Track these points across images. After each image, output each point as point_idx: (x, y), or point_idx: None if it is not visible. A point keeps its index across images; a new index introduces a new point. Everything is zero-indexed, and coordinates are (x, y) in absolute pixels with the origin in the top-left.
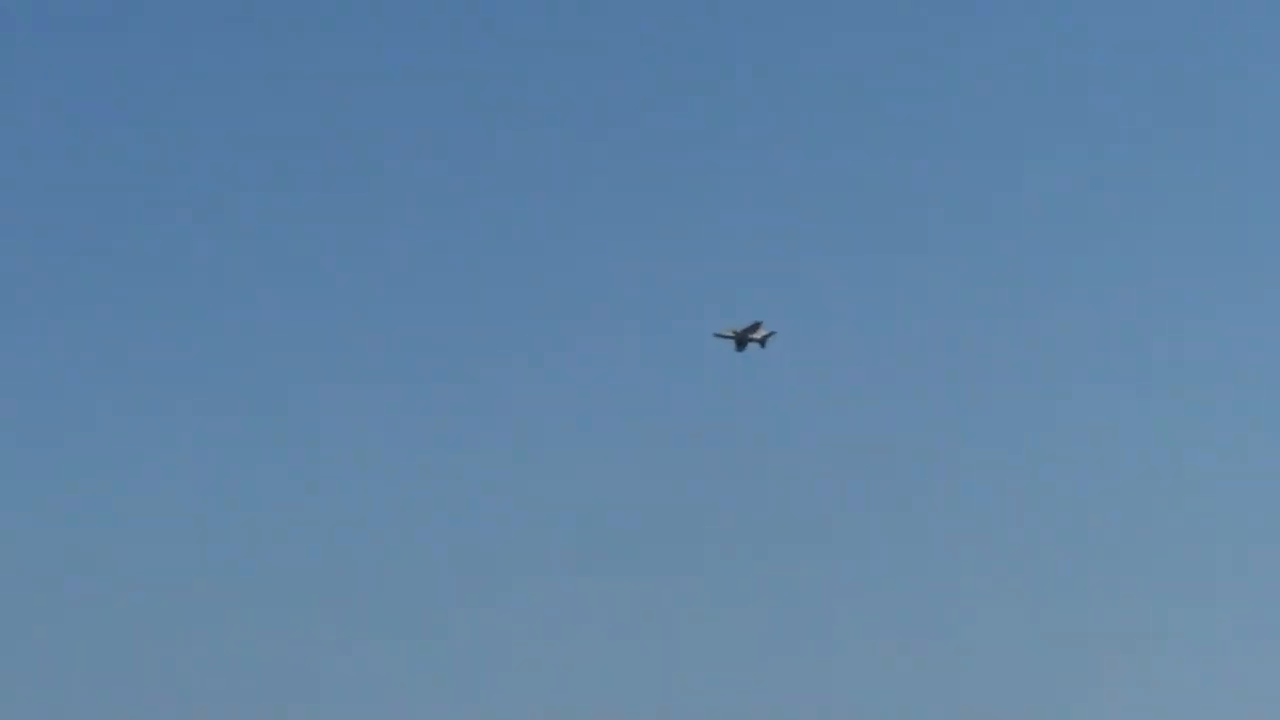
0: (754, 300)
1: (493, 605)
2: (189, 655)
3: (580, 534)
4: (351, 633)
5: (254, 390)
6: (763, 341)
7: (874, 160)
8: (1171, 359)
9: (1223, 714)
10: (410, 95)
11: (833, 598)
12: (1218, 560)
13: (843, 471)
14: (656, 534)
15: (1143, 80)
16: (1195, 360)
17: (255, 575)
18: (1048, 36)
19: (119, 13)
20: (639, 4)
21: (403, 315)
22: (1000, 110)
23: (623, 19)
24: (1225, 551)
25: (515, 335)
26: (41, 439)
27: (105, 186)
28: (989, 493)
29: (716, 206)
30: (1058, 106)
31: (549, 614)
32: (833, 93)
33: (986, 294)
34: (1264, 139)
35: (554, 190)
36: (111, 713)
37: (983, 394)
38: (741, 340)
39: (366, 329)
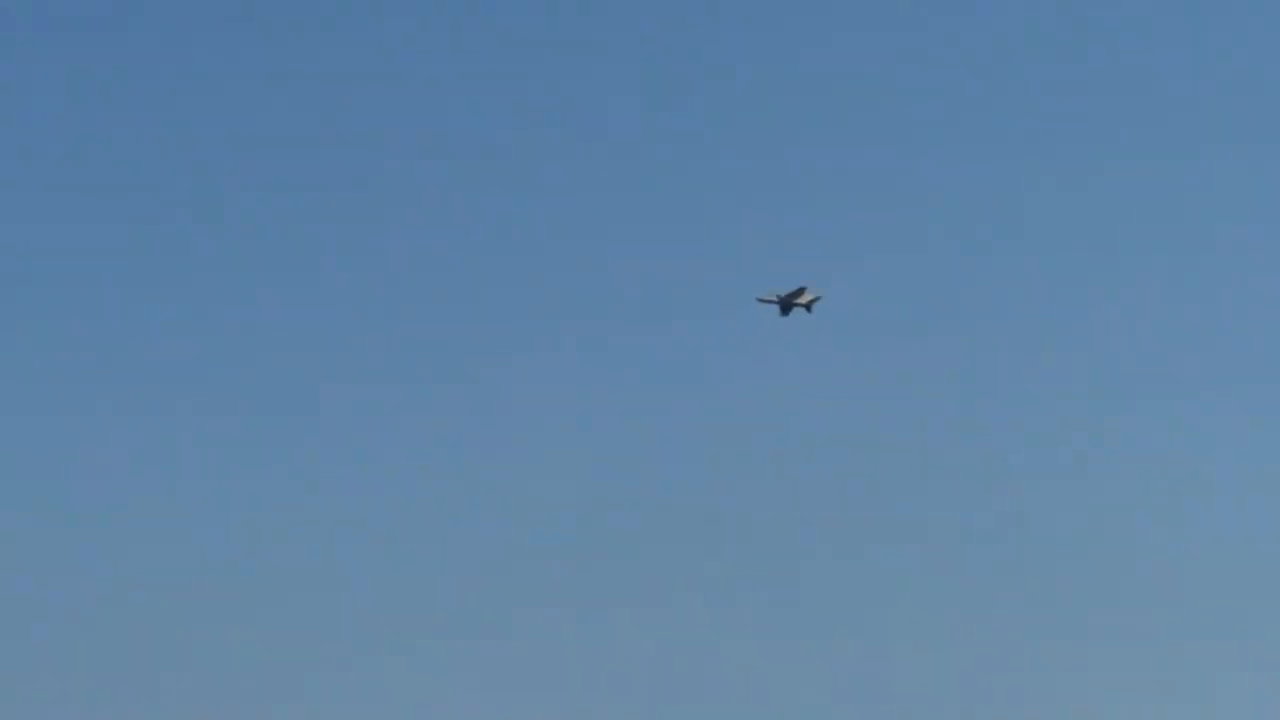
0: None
1: (497, 606)
2: (179, 658)
3: (590, 534)
4: (348, 636)
5: (251, 391)
6: (809, 306)
7: (895, 156)
8: (1193, 360)
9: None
10: (410, 95)
11: (852, 599)
12: (1225, 563)
13: (869, 472)
14: (669, 536)
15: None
16: (1232, 359)
17: (252, 576)
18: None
19: (119, 13)
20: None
21: (405, 315)
22: (1031, 104)
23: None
24: (1233, 555)
25: (529, 333)
26: (40, 438)
27: (104, 186)
28: (1017, 492)
29: (737, 204)
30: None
31: (554, 616)
32: (861, 80)
33: (1023, 291)
34: (1265, 139)
35: (565, 189)
36: (106, 713)
37: (1020, 394)
38: (786, 305)
39: (367, 329)
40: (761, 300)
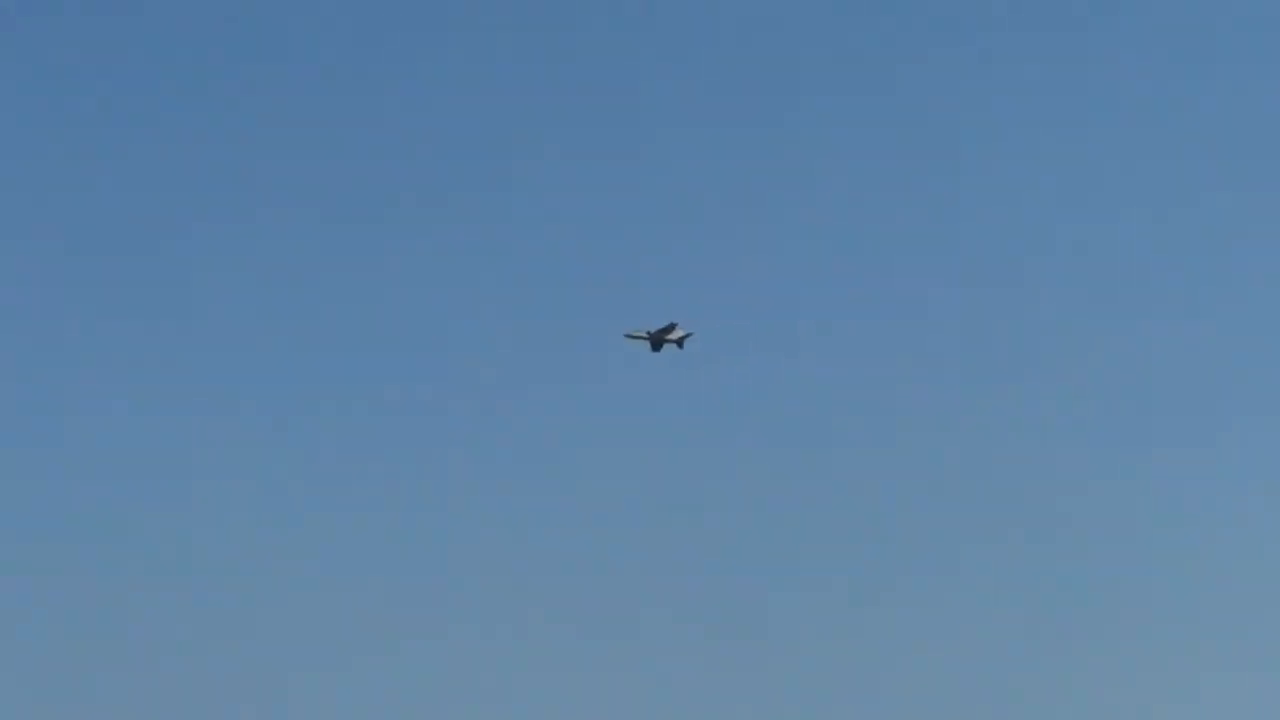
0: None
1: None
2: (179, 658)
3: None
4: (347, 637)
5: (248, 392)
6: (680, 342)
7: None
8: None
9: None
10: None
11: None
12: (1236, 569)
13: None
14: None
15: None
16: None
17: (251, 577)
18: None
19: (117, 11)
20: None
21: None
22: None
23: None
24: (1241, 559)
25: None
26: (39, 437)
27: (103, 186)
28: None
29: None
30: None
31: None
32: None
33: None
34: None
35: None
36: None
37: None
38: (657, 342)
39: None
40: (631, 337)
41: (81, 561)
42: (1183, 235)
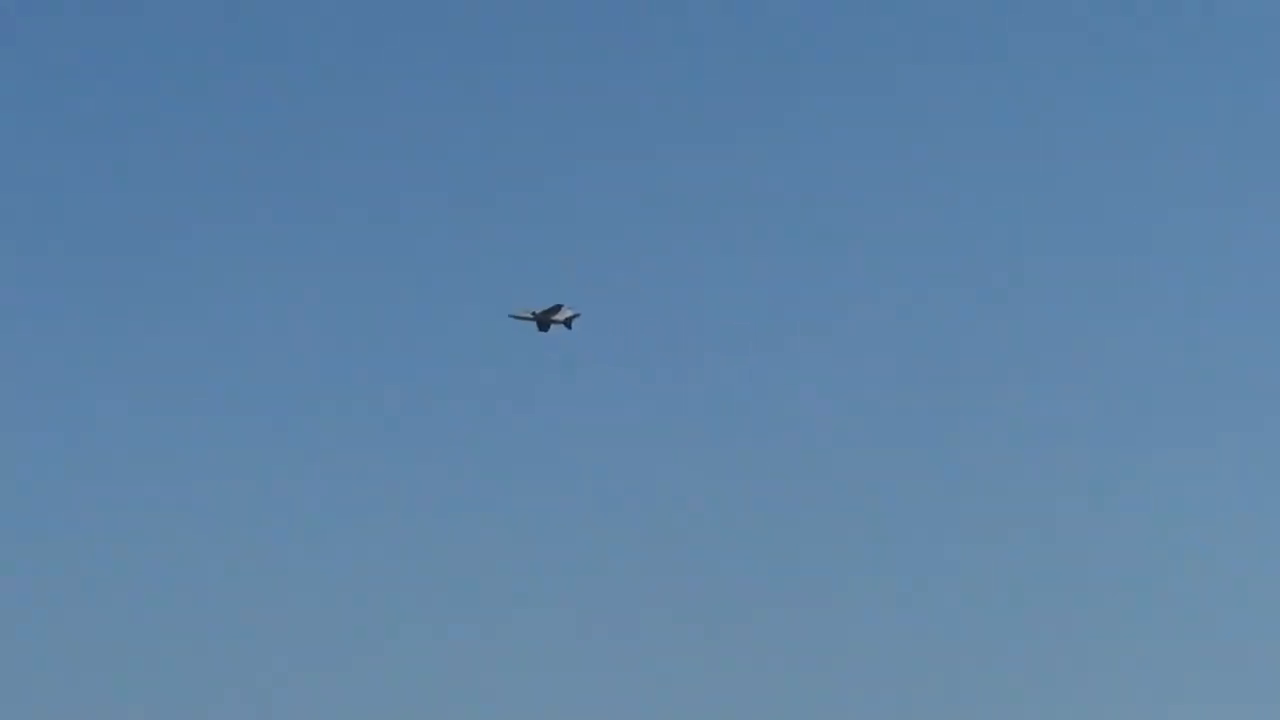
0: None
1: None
2: (179, 658)
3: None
4: (340, 643)
5: (248, 392)
6: (568, 323)
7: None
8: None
9: None
10: None
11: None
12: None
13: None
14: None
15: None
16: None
17: (249, 577)
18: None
19: (117, 11)
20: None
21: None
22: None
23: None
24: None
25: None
26: (39, 437)
27: (103, 186)
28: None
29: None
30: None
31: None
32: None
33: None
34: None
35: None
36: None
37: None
38: (544, 323)
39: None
40: (516, 317)
41: (81, 561)
42: (1183, 235)
